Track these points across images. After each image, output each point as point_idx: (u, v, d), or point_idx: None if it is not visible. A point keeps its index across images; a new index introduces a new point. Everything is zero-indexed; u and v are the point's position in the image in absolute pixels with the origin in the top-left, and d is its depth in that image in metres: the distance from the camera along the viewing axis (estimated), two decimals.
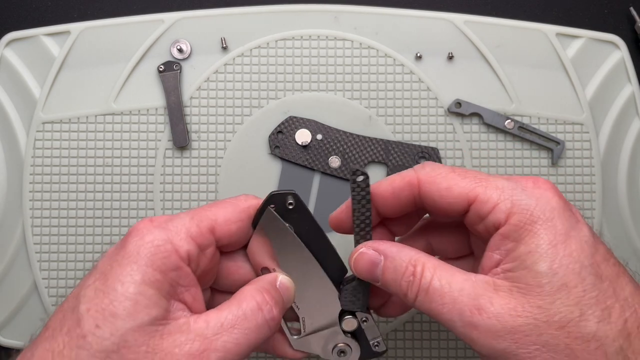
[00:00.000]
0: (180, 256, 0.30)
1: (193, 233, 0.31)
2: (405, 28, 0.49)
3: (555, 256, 0.29)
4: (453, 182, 0.32)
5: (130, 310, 0.27)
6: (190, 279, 0.30)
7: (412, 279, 0.31)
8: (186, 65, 0.48)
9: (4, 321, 0.47)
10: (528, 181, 0.32)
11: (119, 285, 0.28)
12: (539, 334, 0.28)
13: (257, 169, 0.48)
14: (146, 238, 0.29)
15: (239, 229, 0.33)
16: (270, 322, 0.31)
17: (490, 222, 0.31)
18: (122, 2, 0.50)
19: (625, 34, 0.50)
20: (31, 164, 0.48)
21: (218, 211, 0.33)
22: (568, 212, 0.31)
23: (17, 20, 0.50)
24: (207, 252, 0.32)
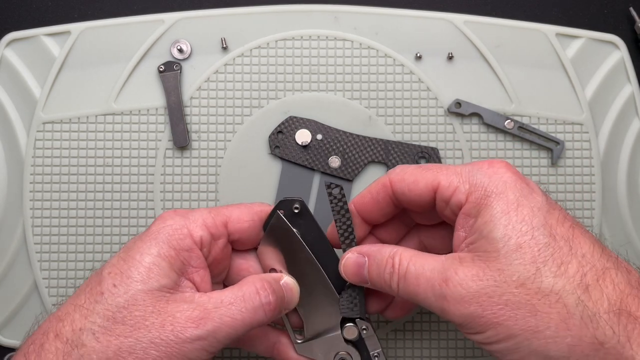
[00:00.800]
0: (193, 240, 0.34)
1: (208, 223, 0.35)
2: (405, 28, 0.49)
3: (509, 222, 0.32)
4: (419, 175, 0.35)
5: (144, 276, 0.32)
6: (200, 261, 0.35)
7: (392, 270, 0.34)
8: (186, 65, 0.48)
9: (5, 321, 0.47)
10: (484, 163, 0.34)
11: (138, 255, 0.33)
12: (501, 294, 0.31)
13: (257, 169, 0.48)
14: (167, 222, 0.35)
15: (249, 227, 0.37)
16: (266, 307, 0.34)
17: (454, 204, 0.34)
18: (122, 2, 0.50)
19: (625, 34, 0.50)
20: (31, 164, 0.48)
21: (233, 210, 0.37)
22: (521, 183, 0.33)
23: (17, 21, 0.50)
24: (219, 242, 0.36)
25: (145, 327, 0.31)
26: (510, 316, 0.30)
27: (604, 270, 0.31)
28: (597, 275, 0.31)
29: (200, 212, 0.36)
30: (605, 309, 0.30)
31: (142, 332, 0.31)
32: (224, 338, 0.32)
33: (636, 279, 0.32)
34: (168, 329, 0.31)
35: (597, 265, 0.31)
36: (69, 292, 0.47)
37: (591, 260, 0.31)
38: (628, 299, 0.30)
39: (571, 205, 0.48)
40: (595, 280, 0.31)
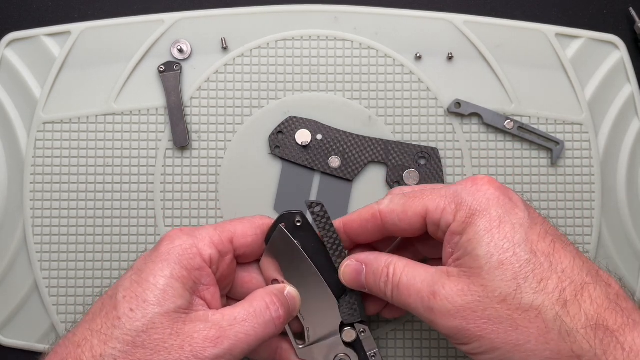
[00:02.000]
0: (203, 258, 0.35)
1: (215, 241, 0.37)
2: (405, 28, 0.49)
3: (491, 239, 0.33)
4: (406, 205, 0.36)
5: (160, 299, 0.33)
6: (210, 279, 0.36)
7: (387, 279, 0.36)
8: (186, 65, 0.48)
9: (5, 321, 0.47)
10: (468, 181, 0.35)
11: (152, 277, 0.33)
12: (484, 309, 0.32)
13: (257, 169, 0.48)
14: (176, 242, 0.35)
15: (253, 241, 0.39)
16: (277, 321, 0.35)
17: (443, 225, 0.35)
18: (122, 2, 0.50)
19: (625, 34, 0.50)
20: (32, 164, 0.48)
21: (237, 225, 0.39)
22: (504, 199, 0.34)
23: (17, 21, 0.50)
24: (226, 258, 0.37)
25: (165, 350, 0.32)
26: (493, 330, 0.32)
27: (583, 285, 0.32)
28: (575, 291, 0.32)
29: (206, 230, 0.37)
30: (583, 324, 0.31)
31: (163, 354, 0.32)
32: (239, 354, 0.34)
33: (615, 292, 0.33)
34: (187, 350, 0.32)
35: (577, 280, 0.32)
36: (69, 292, 0.47)
37: (571, 275, 0.32)
38: (606, 313, 0.32)
39: (571, 205, 0.48)
40: (573, 295, 0.32)
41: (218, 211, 0.48)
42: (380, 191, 0.48)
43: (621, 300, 0.33)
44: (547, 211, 0.48)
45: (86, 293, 0.48)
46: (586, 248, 0.48)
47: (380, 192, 0.48)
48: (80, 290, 0.48)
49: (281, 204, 0.48)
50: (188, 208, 0.48)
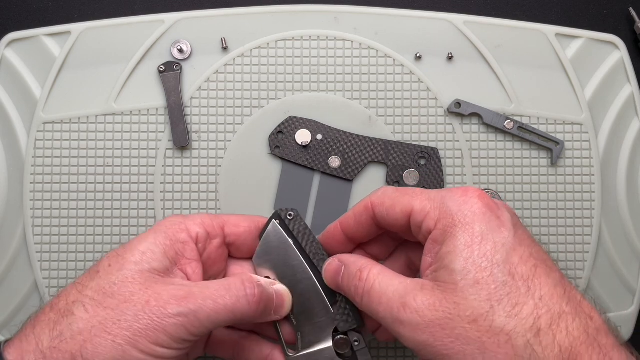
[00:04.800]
0: (189, 234, 0.37)
1: (205, 222, 0.38)
2: (405, 28, 0.49)
3: (470, 256, 0.32)
4: (396, 200, 0.36)
5: (137, 259, 0.35)
6: (194, 254, 0.37)
7: (359, 283, 0.35)
8: (186, 65, 0.48)
9: (5, 321, 0.47)
10: (458, 190, 0.35)
11: (136, 242, 0.36)
12: (453, 328, 0.31)
13: (257, 169, 0.48)
14: (168, 219, 0.38)
15: (245, 232, 0.39)
16: (250, 297, 0.35)
17: (424, 229, 0.34)
18: (122, 2, 0.50)
19: (625, 35, 0.50)
20: (32, 164, 0.48)
21: (232, 216, 0.40)
22: (490, 216, 0.33)
23: (17, 21, 0.50)
24: (214, 241, 0.38)
25: (132, 302, 0.33)
26: (460, 350, 0.31)
27: (561, 314, 0.31)
28: (551, 320, 0.30)
29: (200, 214, 0.39)
30: (555, 356, 0.30)
31: (128, 305, 0.33)
32: (205, 319, 0.34)
33: (595, 326, 0.31)
34: (152, 304, 0.33)
35: (554, 308, 0.31)
36: None
37: (549, 303, 0.31)
38: (581, 347, 0.30)
39: (571, 205, 0.48)
40: (548, 324, 0.30)
41: (218, 211, 0.48)
42: None
43: (601, 335, 0.31)
44: (547, 211, 0.48)
45: None
46: (586, 248, 0.48)
47: None
48: None
49: (281, 204, 0.48)
50: (188, 208, 0.48)
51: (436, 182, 0.48)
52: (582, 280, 0.48)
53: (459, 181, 0.48)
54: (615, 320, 0.48)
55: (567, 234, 0.48)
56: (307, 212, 0.48)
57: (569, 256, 0.48)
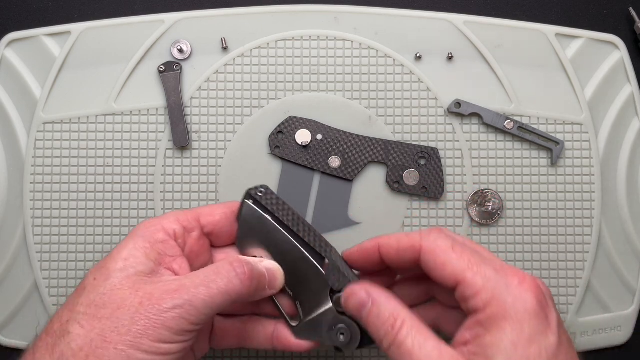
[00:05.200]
0: (167, 232, 0.37)
1: (180, 218, 0.38)
2: (405, 28, 0.49)
3: (513, 355, 0.31)
4: (449, 259, 0.34)
5: (121, 266, 0.35)
6: (176, 250, 0.37)
7: (390, 330, 0.34)
8: (186, 65, 0.48)
9: (5, 321, 0.47)
10: (515, 277, 0.33)
11: (115, 251, 0.36)
12: None
13: (257, 169, 0.48)
14: (143, 223, 0.38)
15: (221, 219, 0.39)
16: (241, 276, 0.35)
17: (471, 306, 0.33)
18: (122, 2, 0.50)
19: (625, 35, 0.50)
20: (32, 164, 0.48)
21: (206, 207, 0.40)
22: (541, 316, 0.33)
23: (17, 21, 0.50)
24: (192, 234, 0.38)
25: (125, 307, 0.33)
26: None
27: None
28: None
29: (173, 212, 0.39)
30: None
31: (122, 311, 0.33)
32: (202, 306, 0.34)
33: None
34: (146, 305, 0.33)
35: None
36: (70, 292, 0.47)
37: None
38: None
39: (571, 205, 0.48)
40: None
41: None
42: (380, 191, 0.48)
43: None
44: (547, 211, 0.48)
45: None
46: (586, 248, 0.48)
47: (380, 192, 0.48)
48: None
49: None
50: (188, 208, 0.48)
51: (436, 182, 0.48)
52: (582, 280, 0.48)
53: (459, 181, 0.48)
54: (615, 320, 0.48)
55: (567, 234, 0.48)
56: (307, 212, 0.48)
57: (569, 256, 0.48)
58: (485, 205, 0.48)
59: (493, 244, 0.48)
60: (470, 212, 0.48)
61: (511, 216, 0.48)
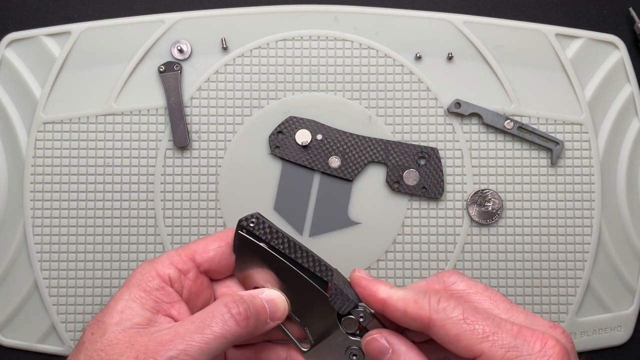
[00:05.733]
0: (162, 279, 0.36)
1: (174, 260, 0.37)
2: (405, 28, 0.49)
3: None
4: (462, 331, 0.33)
5: (117, 320, 0.34)
6: (173, 296, 0.36)
7: None
8: (187, 65, 0.48)
9: (5, 321, 0.48)
10: (536, 342, 0.32)
11: (112, 302, 0.35)
12: None
13: (257, 169, 0.48)
14: (137, 270, 0.37)
15: (216, 254, 0.38)
16: (236, 317, 0.35)
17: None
18: (122, 2, 0.50)
19: (625, 35, 0.50)
20: (32, 164, 0.48)
21: (199, 242, 0.38)
22: None
23: (18, 21, 0.50)
24: (189, 275, 0.37)
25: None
26: None
27: None
28: None
29: (167, 254, 0.38)
30: None
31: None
32: (198, 354, 0.33)
33: None
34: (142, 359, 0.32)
35: None
36: (69, 292, 0.48)
37: None
38: None
39: (571, 205, 0.48)
40: None
41: (218, 211, 0.48)
42: (381, 191, 0.48)
43: None
44: (547, 211, 0.48)
45: (86, 293, 0.48)
46: (586, 248, 0.48)
47: (381, 192, 0.48)
48: (80, 290, 0.48)
49: (281, 204, 0.48)
50: (188, 208, 0.48)
51: (436, 182, 0.48)
52: (582, 280, 0.48)
53: (458, 181, 0.48)
54: (615, 320, 0.48)
55: (567, 234, 0.48)
56: (307, 212, 0.48)
57: (569, 256, 0.48)
58: (485, 205, 0.48)
59: (493, 244, 0.48)
60: (470, 212, 0.48)
61: (511, 216, 0.48)
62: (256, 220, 0.37)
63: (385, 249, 0.48)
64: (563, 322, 0.48)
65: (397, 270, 0.48)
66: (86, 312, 0.48)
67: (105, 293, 0.48)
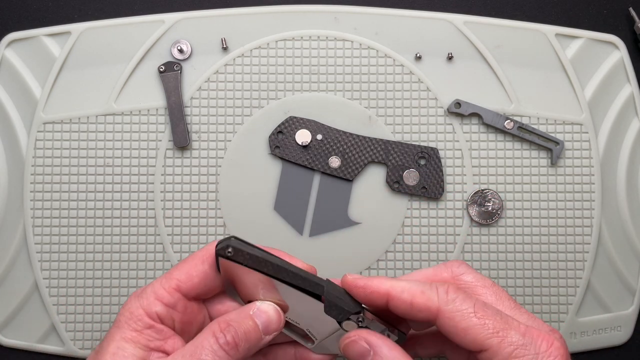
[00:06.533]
0: (151, 317, 0.36)
1: (160, 295, 0.36)
2: (405, 28, 0.49)
3: None
4: (471, 325, 0.32)
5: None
6: (165, 332, 0.36)
7: None
8: (187, 65, 0.48)
9: (5, 321, 0.48)
10: (543, 342, 0.32)
11: (106, 344, 0.35)
12: None
13: (257, 169, 0.48)
14: (125, 308, 0.36)
15: (201, 279, 0.37)
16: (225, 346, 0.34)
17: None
18: (122, 2, 0.50)
19: (625, 35, 0.50)
20: (32, 164, 0.48)
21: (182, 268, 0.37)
22: None
23: (18, 21, 0.50)
24: (177, 307, 0.36)
25: None
26: None
27: None
28: None
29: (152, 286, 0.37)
30: None
31: None
32: None
33: None
34: None
35: None
36: (69, 292, 0.48)
37: None
38: None
39: (571, 205, 0.48)
40: None
41: (218, 211, 0.48)
42: (381, 191, 0.48)
43: None
44: (547, 211, 0.48)
45: (86, 293, 0.48)
46: (586, 248, 0.48)
47: (380, 192, 0.48)
48: (81, 290, 0.48)
49: (281, 204, 0.48)
50: (188, 208, 0.48)
51: (436, 182, 0.48)
52: (582, 280, 0.48)
53: (458, 181, 0.48)
54: (615, 320, 0.48)
55: (567, 234, 0.48)
56: (307, 212, 0.48)
57: (569, 256, 0.48)
58: (485, 205, 0.48)
59: (493, 244, 0.48)
60: (470, 212, 0.48)
61: (511, 216, 0.48)
62: (233, 250, 0.36)
63: (385, 249, 0.48)
64: (563, 322, 0.48)
65: (397, 270, 0.48)
66: (86, 312, 0.48)
67: (105, 293, 0.48)
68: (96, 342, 0.47)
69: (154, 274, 0.48)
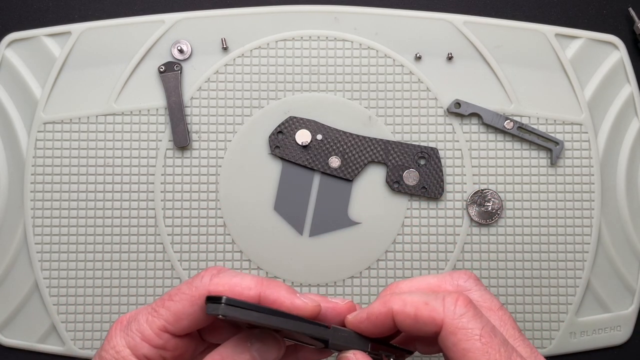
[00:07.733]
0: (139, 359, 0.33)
1: (147, 337, 0.33)
2: (405, 28, 0.49)
3: None
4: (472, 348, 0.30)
5: None
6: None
7: None
8: (187, 65, 0.48)
9: (5, 321, 0.48)
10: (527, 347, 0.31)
11: None
12: None
13: (257, 169, 0.48)
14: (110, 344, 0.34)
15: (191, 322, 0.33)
16: None
17: None
18: (123, 2, 0.50)
19: (624, 35, 0.50)
20: (32, 164, 0.48)
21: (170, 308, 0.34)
22: None
23: (18, 21, 0.50)
24: (167, 346, 0.34)
25: None
26: None
27: None
28: None
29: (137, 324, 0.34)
30: None
31: None
32: None
33: None
34: None
35: None
36: (69, 292, 0.48)
37: None
38: None
39: (571, 206, 0.48)
40: None
41: (218, 211, 0.48)
42: (380, 191, 0.48)
43: None
44: (547, 211, 0.48)
45: (86, 293, 0.48)
46: (586, 248, 0.48)
47: (380, 192, 0.48)
48: (81, 290, 0.48)
49: (281, 204, 0.48)
50: (188, 208, 0.48)
51: (436, 182, 0.48)
52: (582, 280, 0.48)
53: (458, 181, 0.48)
54: (614, 320, 0.48)
55: (567, 234, 0.48)
56: (307, 212, 0.48)
57: (569, 256, 0.48)
58: (485, 205, 0.48)
59: (493, 244, 0.48)
60: (470, 212, 0.48)
61: (511, 216, 0.48)
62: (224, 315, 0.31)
63: (385, 249, 0.48)
64: (562, 321, 0.48)
65: (397, 270, 0.48)
66: (86, 312, 0.48)
67: (106, 293, 0.48)
68: (96, 342, 0.47)
69: (154, 274, 0.48)
